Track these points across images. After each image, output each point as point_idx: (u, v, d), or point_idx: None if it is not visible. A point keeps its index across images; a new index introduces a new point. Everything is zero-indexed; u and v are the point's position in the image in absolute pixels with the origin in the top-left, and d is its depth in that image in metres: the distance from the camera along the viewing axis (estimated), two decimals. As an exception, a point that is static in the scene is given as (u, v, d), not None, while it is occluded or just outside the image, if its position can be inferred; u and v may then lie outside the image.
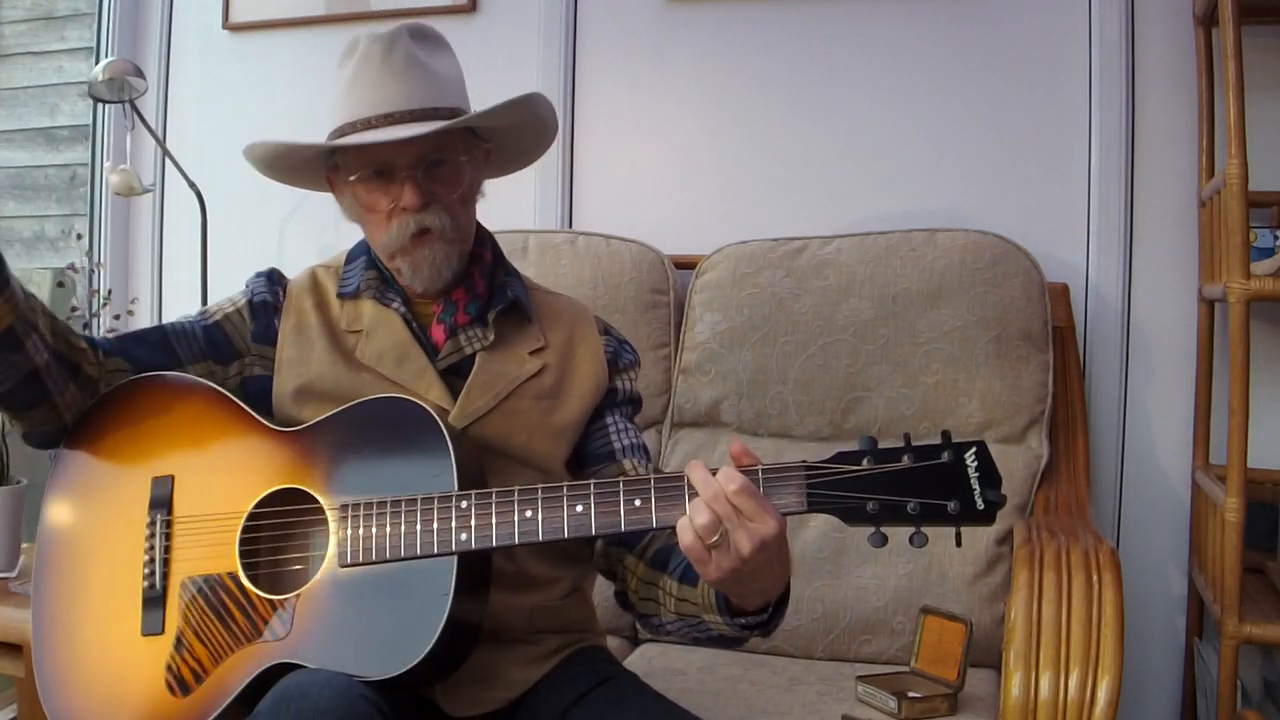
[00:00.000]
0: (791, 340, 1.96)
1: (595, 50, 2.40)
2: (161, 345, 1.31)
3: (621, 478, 1.09)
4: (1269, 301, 1.74)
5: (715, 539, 1.00)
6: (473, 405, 1.26)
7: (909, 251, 1.95)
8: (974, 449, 1.01)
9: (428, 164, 1.25)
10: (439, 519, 1.10)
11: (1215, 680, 1.74)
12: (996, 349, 1.89)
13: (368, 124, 1.23)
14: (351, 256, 1.37)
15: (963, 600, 1.78)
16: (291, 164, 1.33)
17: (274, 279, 1.37)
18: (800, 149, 2.28)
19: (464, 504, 1.10)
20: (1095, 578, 1.39)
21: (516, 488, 1.10)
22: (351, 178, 1.26)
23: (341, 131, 1.25)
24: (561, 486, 1.08)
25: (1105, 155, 2.10)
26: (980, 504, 0.99)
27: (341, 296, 1.33)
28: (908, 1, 2.22)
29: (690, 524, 1.01)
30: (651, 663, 1.76)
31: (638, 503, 1.06)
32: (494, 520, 1.08)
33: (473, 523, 1.09)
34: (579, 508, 1.07)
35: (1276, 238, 1.93)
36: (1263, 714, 1.86)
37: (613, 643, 1.77)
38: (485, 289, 1.33)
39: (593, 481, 1.08)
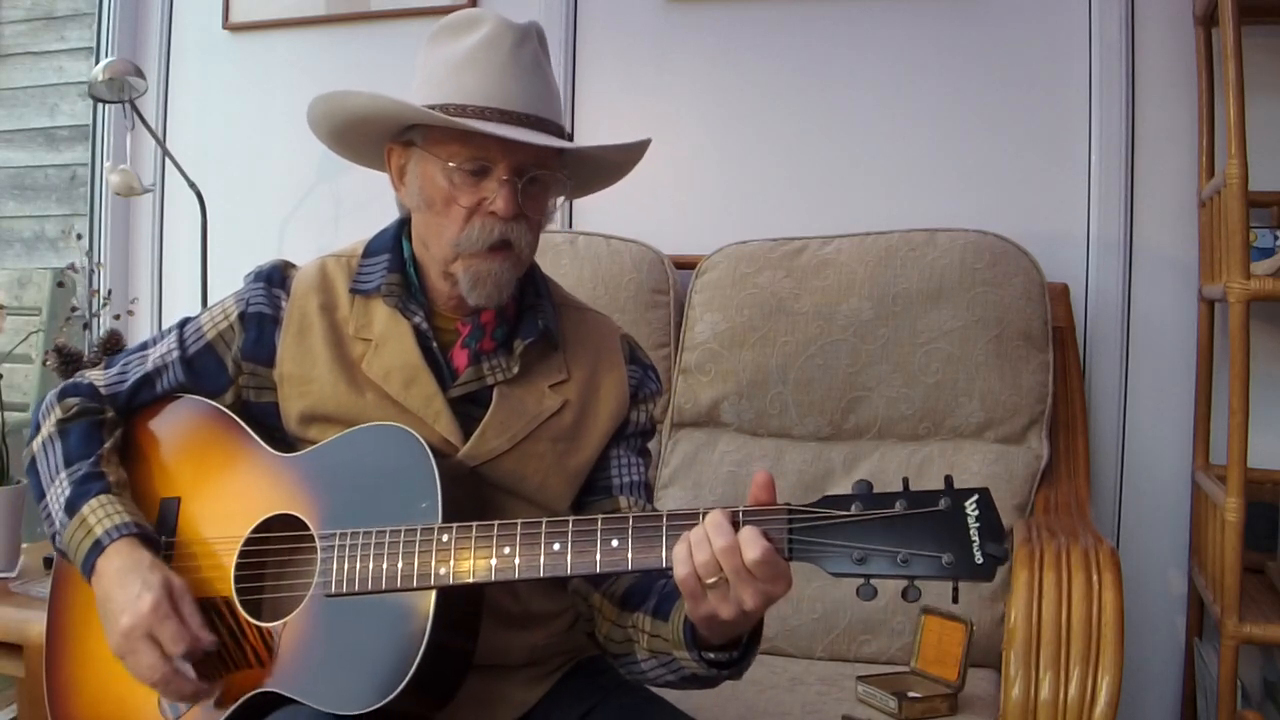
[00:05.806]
0: (791, 340, 1.96)
1: (595, 50, 2.41)
2: (151, 388, 1.29)
3: (600, 515, 1.04)
4: (1269, 301, 1.75)
5: (714, 580, 0.97)
6: (487, 445, 1.19)
7: (909, 251, 1.95)
8: (975, 497, 0.95)
9: (528, 177, 1.17)
10: (420, 552, 1.07)
11: (1215, 680, 1.74)
12: (996, 349, 1.89)
13: (481, 113, 1.13)
14: (372, 250, 1.27)
15: (963, 600, 1.77)
16: (369, 127, 1.22)
17: (274, 280, 1.26)
18: (800, 149, 2.28)
19: (445, 538, 1.06)
20: (1095, 578, 1.39)
21: (496, 523, 1.06)
22: (451, 163, 1.15)
23: (446, 110, 1.15)
24: (540, 523, 1.05)
25: (1105, 155, 2.10)
26: (979, 558, 0.93)
27: (355, 292, 1.24)
28: (908, 1, 2.22)
29: (689, 559, 0.97)
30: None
31: (614, 543, 1.02)
32: (472, 555, 1.05)
33: (451, 557, 1.06)
34: (555, 546, 1.03)
35: (1276, 238, 1.93)
36: (1263, 714, 1.87)
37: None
38: (514, 312, 1.25)
39: (571, 519, 1.04)
